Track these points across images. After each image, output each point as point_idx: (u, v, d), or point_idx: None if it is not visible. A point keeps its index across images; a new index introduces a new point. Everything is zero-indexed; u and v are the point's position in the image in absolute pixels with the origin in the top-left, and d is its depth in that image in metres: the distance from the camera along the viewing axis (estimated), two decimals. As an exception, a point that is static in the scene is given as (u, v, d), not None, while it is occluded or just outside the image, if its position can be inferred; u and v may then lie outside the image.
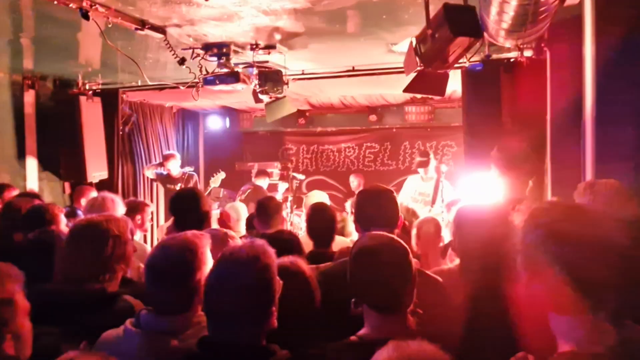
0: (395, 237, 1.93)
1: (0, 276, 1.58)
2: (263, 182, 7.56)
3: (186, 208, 3.07)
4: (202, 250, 1.89)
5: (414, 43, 3.35)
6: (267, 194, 7.06)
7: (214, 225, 3.85)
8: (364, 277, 1.80)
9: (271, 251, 1.72)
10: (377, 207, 2.41)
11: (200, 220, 2.99)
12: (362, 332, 1.79)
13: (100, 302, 2.11)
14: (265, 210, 3.70)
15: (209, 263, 1.87)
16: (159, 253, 1.88)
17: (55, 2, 3.22)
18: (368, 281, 1.79)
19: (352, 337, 1.78)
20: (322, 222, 3.30)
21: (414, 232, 3.64)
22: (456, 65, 3.96)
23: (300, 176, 7.96)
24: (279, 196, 7.65)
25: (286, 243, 2.99)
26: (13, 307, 1.58)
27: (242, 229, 4.32)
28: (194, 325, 1.85)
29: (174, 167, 7.09)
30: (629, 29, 2.82)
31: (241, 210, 4.49)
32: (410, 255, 1.83)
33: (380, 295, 1.77)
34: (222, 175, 7.35)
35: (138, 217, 4.09)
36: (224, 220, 4.42)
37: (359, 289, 1.81)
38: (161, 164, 7.16)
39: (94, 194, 5.71)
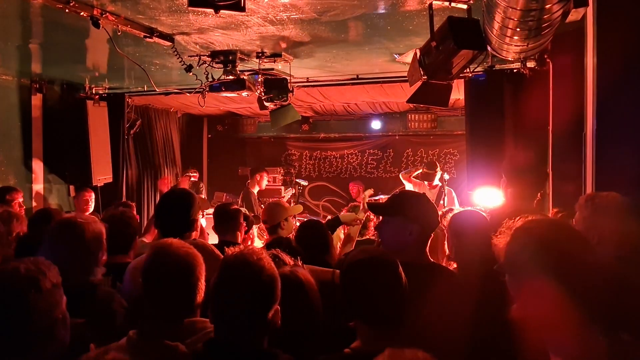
0: (385, 251, 1.93)
1: (47, 265, 1.64)
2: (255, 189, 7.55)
3: (174, 212, 2.88)
4: (199, 255, 1.94)
5: (418, 55, 3.40)
6: (253, 199, 7.11)
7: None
8: (355, 292, 1.80)
9: (268, 256, 1.79)
10: (430, 209, 2.40)
11: (186, 226, 2.84)
12: (355, 344, 1.79)
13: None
14: (221, 217, 3.60)
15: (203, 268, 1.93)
16: (161, 259, 1.90)
17: (67, 10, 3.27)
18: (359, 296, 1.79)
19: (346, 350, 1.79)
20: (311, 239, 3.28)
21: None
22: (460, 75, 4.02)
23: (304, 182, 7.99)
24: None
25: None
26: (61, 291, 1.64)
27: None
28: (199, 331, 1.89)
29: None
30: (630, 42, 2.85)
31: None
32: (401, 269, 1.83)
33: (371, 310, 1.78)
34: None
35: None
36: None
37: (351, 303, 1.81)
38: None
39: (91, 196, 5.80)
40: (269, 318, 1.69)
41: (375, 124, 8.96)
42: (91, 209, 5.76)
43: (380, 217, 2.52)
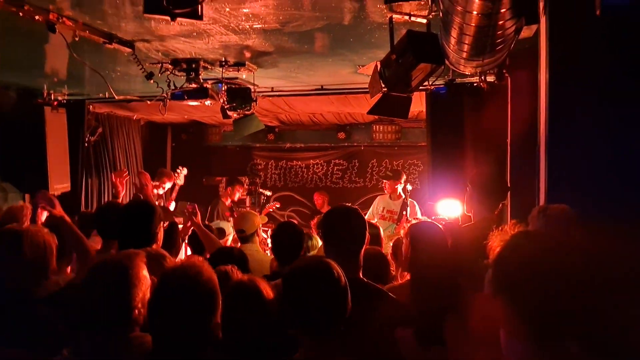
0: (328, 260, 1.88)
1: None
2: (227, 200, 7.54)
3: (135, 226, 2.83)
4: (137, 269, 1.87)
5: (379, 67, 3.44)
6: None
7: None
8: (295, 300, 1.79)
9: (209, 265, 1.80)
10: (347, 226, 2.36)
11: (148, 239, 2.77)
12: (297, 355, 1.77)
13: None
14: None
15: (145, 281, 1.87)
16: (95, 274, 1.85)
17: (21, 14, 3.19)
18: (299, 305, 1.78)
19: None
20: (287, 240, 3.27)
21: (390, 250, 3.68)
22: (421, 87, 4.08)
23: (267, 192, 7.97)
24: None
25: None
26: None
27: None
28: (137, 347, 1.82)
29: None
30: (581, 58, 2.95)
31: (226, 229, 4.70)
32: (344, 279, 1.81)
33: (311, 318, 1.76)
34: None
35: None
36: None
37: (291, 311, 1.80)
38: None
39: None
40: (210, 329, 1.68)
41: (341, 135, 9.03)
42: (43, 217, 5.57)
43: None
